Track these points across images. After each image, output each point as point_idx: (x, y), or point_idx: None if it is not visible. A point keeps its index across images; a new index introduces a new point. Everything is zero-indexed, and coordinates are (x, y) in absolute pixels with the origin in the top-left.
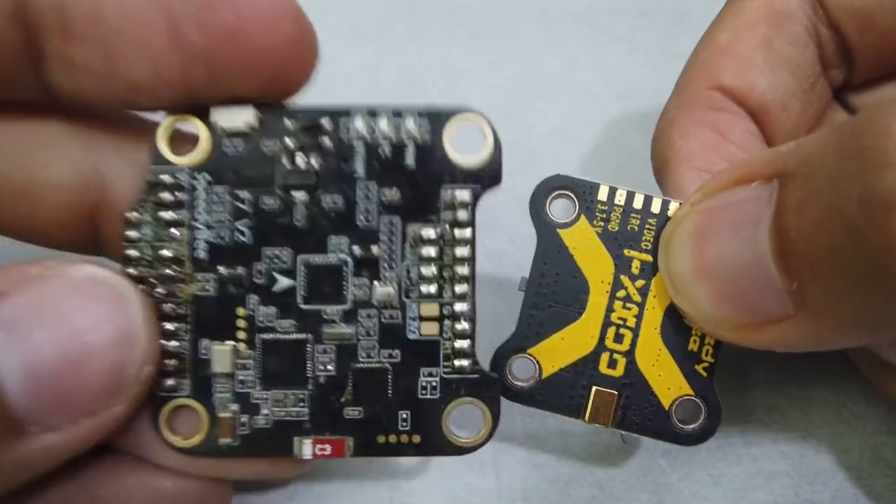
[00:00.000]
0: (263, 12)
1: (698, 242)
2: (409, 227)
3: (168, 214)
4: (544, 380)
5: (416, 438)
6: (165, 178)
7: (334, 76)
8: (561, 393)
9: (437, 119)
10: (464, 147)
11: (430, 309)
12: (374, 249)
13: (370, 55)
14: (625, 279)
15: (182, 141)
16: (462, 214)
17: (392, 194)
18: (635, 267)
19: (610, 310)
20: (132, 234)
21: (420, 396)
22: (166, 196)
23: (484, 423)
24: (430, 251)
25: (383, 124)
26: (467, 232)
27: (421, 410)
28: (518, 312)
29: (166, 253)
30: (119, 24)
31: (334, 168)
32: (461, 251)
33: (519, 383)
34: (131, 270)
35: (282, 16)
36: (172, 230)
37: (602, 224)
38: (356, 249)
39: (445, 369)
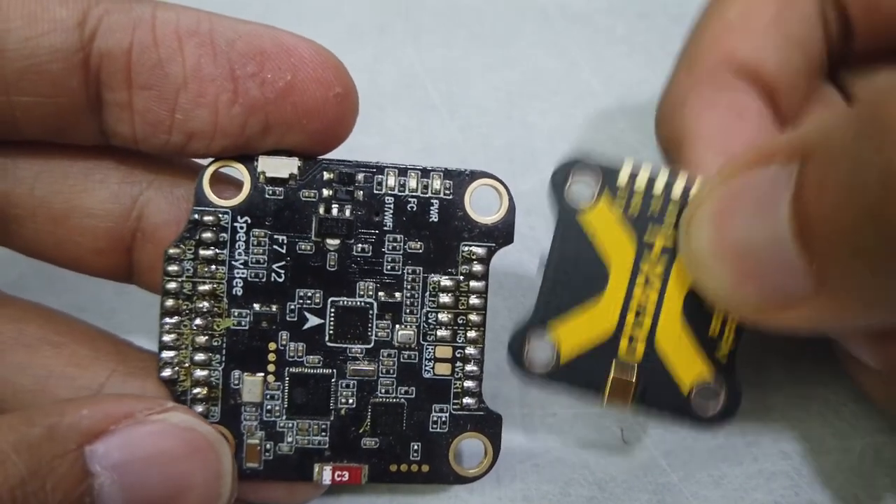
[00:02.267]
0: (317, 72)
1: (719, 223)
2: (430, 277)
3: (208, 252)
4: (563, 361)
5: (426, 468)
6: (208, 218)
7: None
8: (579, 375)
9: (460, 181)
10: (482, 207)
11: (444, 351)
12: (398, 295)
13: (369, 56)
14: (645, 262)
15: (222, 184)
16: (477, 268)
17: (416, 246)
18: (656, 250)
19: (630, 293)
20: (173, 268)
21: (430, 430)
22: (208, 235)
23: (486, 455)
24: (447, 299)
25: (412, 182)
26: (481, 284)
27: (430, 442)
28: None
29: (204, 288)
30: (183, 77)
31: (365, 219)
32: (475, 301)
33: (536, 366)
34: (170, 302)
35: (332, 75)
36: (211, 267)
37: (623, 206)
38: (381, 294)
39: (454, 406)
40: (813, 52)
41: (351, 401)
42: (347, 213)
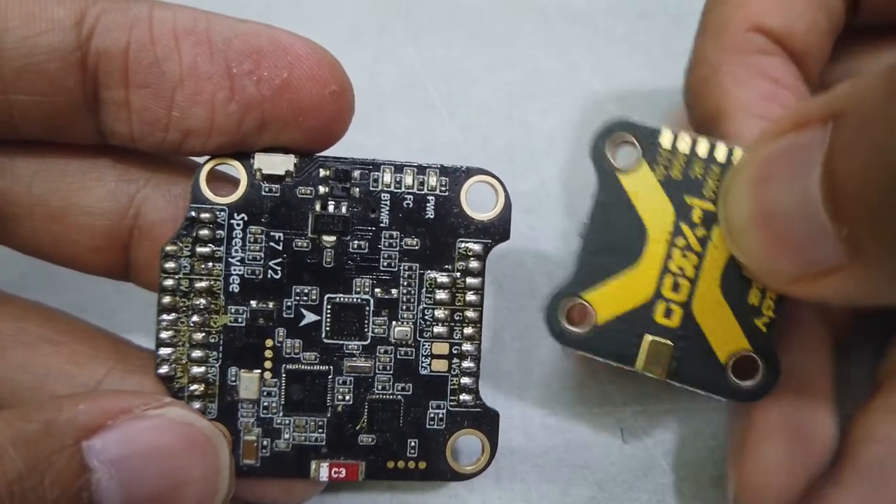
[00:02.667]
0: (313, 69)
1: (756, 191)
2: (427, 274)
3: (205, 249)
4: (598, 326)
5: (422, 465)
6: (205, 215)
7: None
8: (614, 340)
9: (456, 178)
10: (478, 204)
11: (441, 348)
12: (394, 292)
13: (369, 56)
14: (685, 228)
15: (218, 181)
16: (474, 264)
17: (412, 243)
18: (696, 216)
19: (668, 258)
20: (170, 265)
21: (427, 426)
22: (205, 232)
23: (483, 452)
24: (444, 296)
25: (408, 179)
26: (477, 281)
27: (427, 439)
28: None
29: (201, 285)
30: (180, 75)
31: (362, 216)
32: (471, 297)
33: (573, 328)
34: (167, 299)
35: (328, 73)
36: (208, 264)
37: (665, 171)
38: (378, 291)
39: (451, 402)
40: (836, 15)
41: (348, 397)
42: (344, 209)
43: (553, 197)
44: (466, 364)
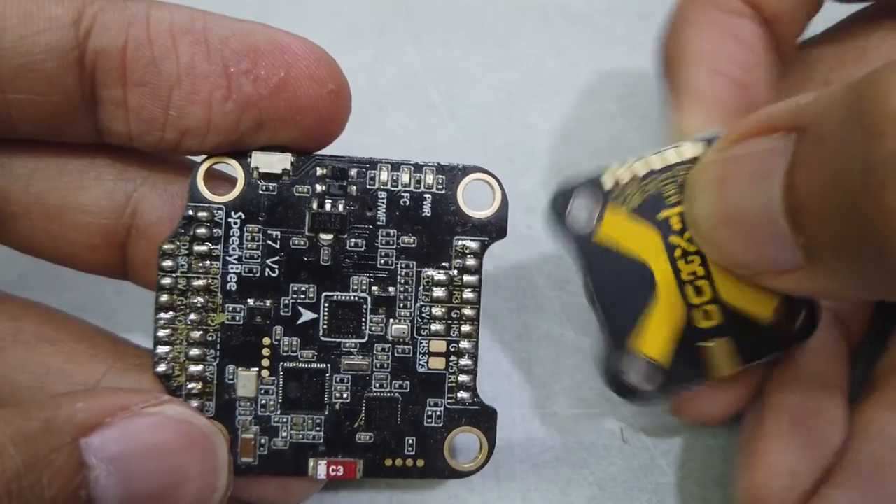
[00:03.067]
0: (310, 68)
1: (719, 191)
2: (424, 271)
3: (203, 248)
4: (664, 369)
5: (420, 462)
6: (202, 214)
7: None
8: (681, 370)
9: (452, 175)
10: (475, 202)
11: (439, 345)
12: (392, 290)
13: (369, 56)
14: (674, 238)
15: (216, 180)
16: (471, 262)
17: (409, 241)
18: (676, 223)
19: (677, 272)
20: (167, 263)
21: (425, 424)
22: (202, 231)
23: (481, 450)
24: (441, 294)
25: (405, 177)
26: (474, 278)
27: (425, 437)
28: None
29: (199, 283)
30: (177, 74)
31: (359, 214)
32: (468, 295)
33: (646, 385)
34: (164, 297)
35: (325, 72)
36: (206, 262)
37: (627, 203)
38: (375, 289)
39: (449, 400)
40: None
41: (345, 395)
42: (341, 207)
43: None
44: (464, 362)
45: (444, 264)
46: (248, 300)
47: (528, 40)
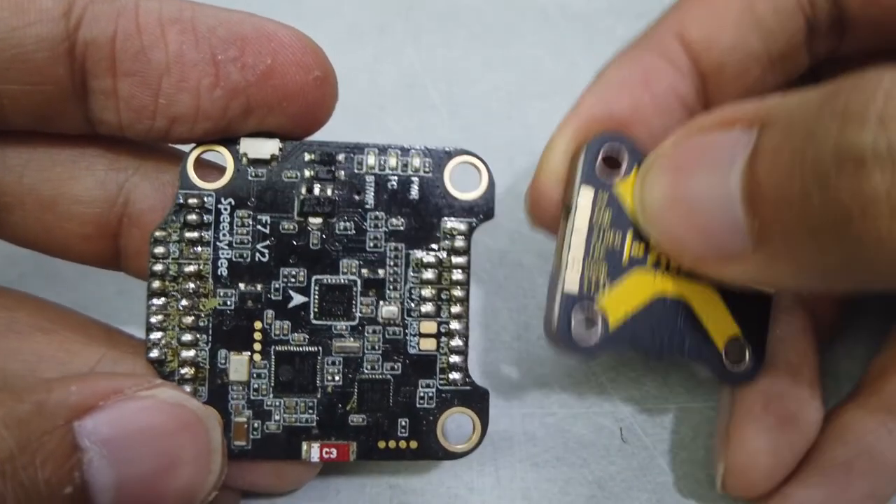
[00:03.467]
0: (296, 56)
1: (674, 176)
2: (413, 253)
3: (193, 234)
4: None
5: (414, 444)
6: (193, 200)
7: None
8: (638, 335)
9: (439, 158)
10: (462, 184)
11: (429, 327)
12: (381, 272)
13: (370, 56)
14: (650, 258)
15: (206, 168)
16: (459, 243)
17: (398, 223)
18: (636, 250)
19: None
20: (159, 250)
21: (418, 406)
22: (193, 217)
23: (474, 430)
24: (430, 275)
25: (392, 161)
26: (463, 259)
27: (418, 418)
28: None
29: (190, 269)
30: (166, 63)
31: (347, 198)
32: (457, 276)
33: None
34: (156, 284)
35: (311, 59)
36: (197, 248)
37: (602, 285)
38: (364, 272)
39: (441, 381)
40: (779, 43)
41: (337, 378)
42: (329, 192)
43: None
44: (455, 342)
45: (432, 246)
46: (240, 285)
47: (528, 40)
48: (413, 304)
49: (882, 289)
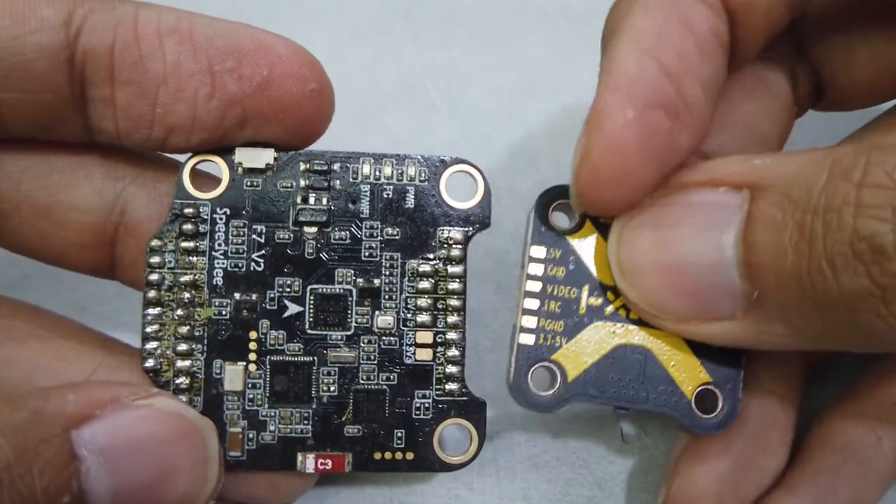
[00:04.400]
0: (293, 67)
1: (658, 235)
2: (408, 263)
3: (189, 244)
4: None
5: (410, 455)
6: (189, 210)
7: (333, 77)
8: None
9: (435, 167)
10: (458, 193)
11: (425, 337)
12: (377, 281)
13: (369, 56)
14: (609, 310)
15: (202, 179)
16: (455, 252)
17: (393, 232)
18: (593, 302)
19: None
20: (155, 259)
21: (414, 416)
22: (188, 227)
23: (471, 442)
24: (426, 284)
25: (387, 170)
26: (459, 268)
27: (414, 429)
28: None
29: (186, 278)
30: (163, 73)
31: (343, 207)
32: (454, 285)
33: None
34: (152, 293)
35: (308, 71)
36: (192, 258)
37: (562, 343)
38: (360, 281)
39: (437, 391)
40: None
41: (332, 388)
42: (324, 201)
43: None
44: (451, 352)
45: (428, 255)
46: (235, 294)
47: (528, 41)
48: (409, 314)
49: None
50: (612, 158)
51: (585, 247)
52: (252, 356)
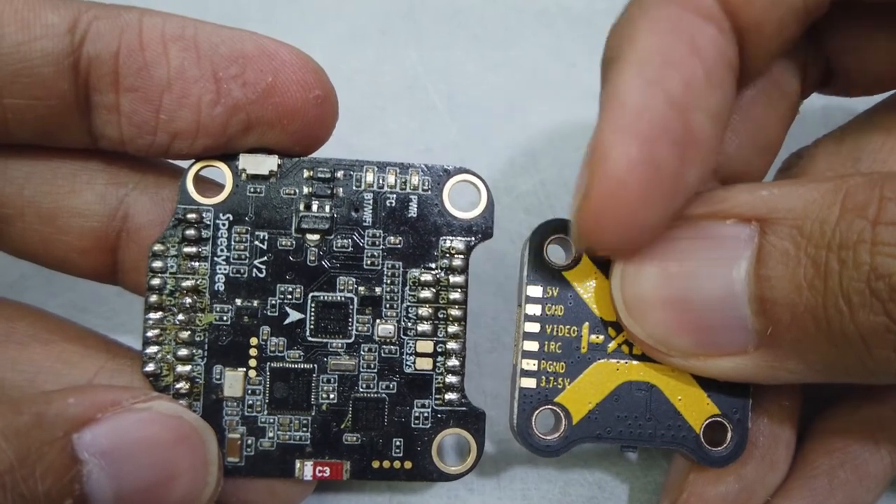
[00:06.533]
0: (297, 74)
1: (663, 269)
2: (410, 272)
3: (191, 249)
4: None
5: (408, 464)
6: (192, 216)
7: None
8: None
9: (438, 177)
10: (461, 203)
11: (426, 346)
12: (378, 290)
13: (371, 58)
14: (611, 346)
15: (205, 184)
16: (457, 262)
17: (396, 241)
18: (594, 340)
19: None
20: (157, 264)
21: (413, 426)
22: (191, 232)
23: (470, 452)
24: (428, 294)
25: (391, 178)
26: (461, 278)
27: (413, 439)
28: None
29: (187, 284)
30: (168, 79)
31: (345, 215)
32: (455, 295)
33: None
34: (154, 298)
35: (312, 78)
36: (194, 263)
37: (564, 384)
38: (361, 289)
39: (437, 401)
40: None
41: (332, 396)
42: (327, 209)
43: (553, 197)
44: (451, 362)
45: (430, 265)
46: (236, 300)
47: (529, 42)
48: (410, 323)
49: None
50: (615, 201)
51: (584, 282)
52: (252, 362)
